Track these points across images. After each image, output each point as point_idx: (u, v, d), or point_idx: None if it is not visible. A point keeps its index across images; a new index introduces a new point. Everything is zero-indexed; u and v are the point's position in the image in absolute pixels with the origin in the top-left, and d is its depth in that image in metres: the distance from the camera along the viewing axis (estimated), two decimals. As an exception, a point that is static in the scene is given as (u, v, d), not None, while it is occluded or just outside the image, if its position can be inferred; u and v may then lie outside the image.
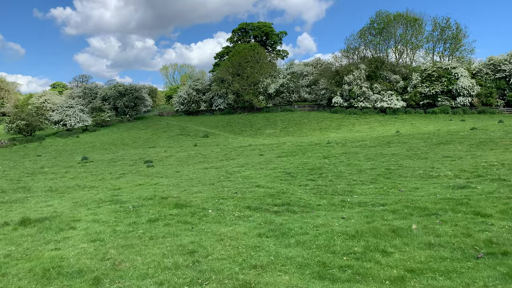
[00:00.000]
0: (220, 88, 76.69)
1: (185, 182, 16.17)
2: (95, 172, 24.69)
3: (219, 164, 23.41)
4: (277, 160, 22.36)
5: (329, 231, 7.56)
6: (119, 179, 19.78)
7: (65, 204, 13.38)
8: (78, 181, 20.24)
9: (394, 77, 66.40)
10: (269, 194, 11.58)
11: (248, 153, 29.20)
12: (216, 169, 20.40)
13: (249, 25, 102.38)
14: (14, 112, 62.40)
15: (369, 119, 60.57)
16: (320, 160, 20.36)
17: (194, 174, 19.18)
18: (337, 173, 15.31)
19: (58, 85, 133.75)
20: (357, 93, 66.09)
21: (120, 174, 22.07)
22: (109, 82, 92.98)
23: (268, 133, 55.72)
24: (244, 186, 13.50)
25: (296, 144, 33.57)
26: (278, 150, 29.57)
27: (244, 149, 33.53)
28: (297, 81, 73.95)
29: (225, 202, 10.80)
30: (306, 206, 9.95)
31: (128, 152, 38.72)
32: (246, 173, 17.22)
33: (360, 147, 26.19)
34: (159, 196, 12.72)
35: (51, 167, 29.69)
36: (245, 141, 45.45)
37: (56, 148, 51.60)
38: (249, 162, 22.71)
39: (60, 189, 17.20)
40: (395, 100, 64.11)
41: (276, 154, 26.19)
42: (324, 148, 27.50)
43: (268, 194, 11.61)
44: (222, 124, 66.17)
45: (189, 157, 29.84)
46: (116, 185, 17.24)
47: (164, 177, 19.16)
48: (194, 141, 49.12)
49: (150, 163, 27.60)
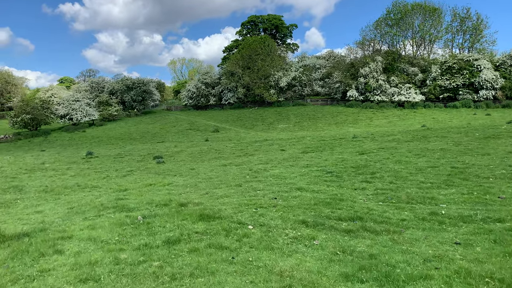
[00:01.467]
0: (230, 82, 73.67)
1: (205, 183, 13.31)
2: (100, 168, 21.96)
3: (238, 160, 20.53)
4: (304, 156, 19.41)
5: (457, 270, 4.64)
6: (126, 178, 17.00)
7: (58, 210, 10.60)
8: (80, 179, 17.50)
9: (412, 70, 62.93)
10: (322, 202, 8.67)
11: (266, 148, 26.29)
12: (237, 166, 17.52)
13: (258, 18, 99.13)
14: (19, 105, 59.88)
15: (387, 113, 57.31)
16: (358, 156, 17.39)
17: (212, 172, 16.32)
18: (392, 172, 12.34)
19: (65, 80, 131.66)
20: (373, 86, 62.75)
21: (127, 172, 19.30)
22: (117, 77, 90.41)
23: (281, 128, 52.75)
24: (281, 189, 10.61)
25: (318, 138, 30.58)
26: (300, 145, 26.62)
27: (260, 144, 30.64)
28: (309, 74, 70.64)
29: (267, 213, 7.91)
30: (386, 221, 7.02)
31: (136, 147, 36.02)
32: (275, 172, 14.32)
33: (395, 142, 23.15)
34: (175, 201, 9.88)
35: (53, 162, 27.03)
36: (258, 136, 42.56)
37: (61, 143, 49.13)
38: (272, 158, 19.80)
39: (57, 190, 14.44)
40: (413, 94, 60.70)
41: (300, 150, 23.25)
42: (353, 143, 24.49)
43: (320, 202, 8.70)
44: (233, 118, 63.28)
45: (202, 153, 27.01)
46: (122, 185, 14.44)
47: (178, 175, 16.33)
48: (204, 135, 46.34)
49: (160, 159, 24.82)
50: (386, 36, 67.82)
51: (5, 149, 46.77)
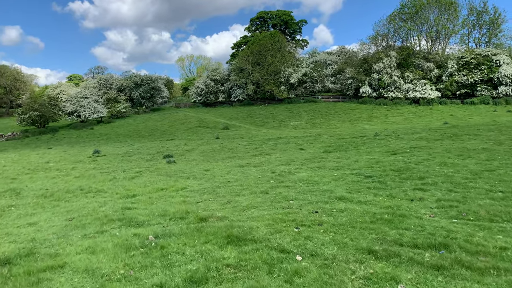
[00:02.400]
0: (239, 78, 71.78)
1: (224, 188, 11.54)
2: (106, 168, 20.32)
3: (255, 160, 18.74)
4: (329, 156, 17.55)
5: None
6: (134, 180, 15.29)
7: (54, 222, 8.91)
8: (84, 181, 15.85)
9: (427, 65, 60.50)
10: (380, 218, 6.85)
11: (283, 147, 24.46)
12: (256, 168, 15.73)
13: (267, 14, 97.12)
14: (26, 102, 58.67)
15: (402, 110, 55.07)
16: (391, 156, 15.49)
17: (229, 174, 14.55)
18: (444, 177, 10.46)
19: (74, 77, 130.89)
20: (387, 82, 60.48)
21: (135, 172, 17.62)
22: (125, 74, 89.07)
23: (293, 125, 50.84)
24: (318, 199, 8.80)
25: (336, 136, 28.67)
26: (319, 143, 24.75)
27: (275, 142, 28.82)
28: (321, 70, 68.43)
29: (314, 235, 6.11)
30: (482, 251, 5.18)
31: (145, 145, 34.41)
32: (302, 175, 12.51)
33: (424, 140, 21.19)
34: (193, 213, 8.13)
35: (58, 161, 25.50)
36: (270, 134, 40.72)
37: (69, 141, 47.79)
38: (292, 158, 17.98)
39: (57, 194, 12.77)
40: (429, 90, 58.32)
41: (321, 149, 21.38)
42: (378, 141, 22.57)
43: (377, 218, 6.88)
44: (242, 115, 61.46)
45: (214, 151, 25.28)
46: (130, 189, 12.74)
47: (192, 177, 14.58)
48: (214, 133, 44.62)
49: (171, 158, 23.14)
50: (400, 31, 65.41)
51: (12, 147, 45.55)
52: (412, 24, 64.27)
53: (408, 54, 61.80)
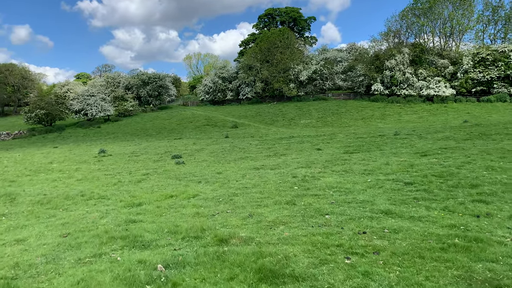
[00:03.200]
0: (248, 76, 70.24)
1: (242, 195, 10.08)
2: (111, 170, 18.98)
3: (271, 162, 17.25)
4: (352, 158, 16.00)
5: None
6: (141, 184, 13.89)
7: (45, 239, 7.52)
8: (86, 185, 14.50)
9: (441, 62, 58.44)
10: (450, 243, 5.35)
11: (298, 147, 22.94)
12: (274, 171, 14.24)
13: (276, 11, 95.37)
14: (33, 101, 57.76)
15: (415, 108, 53.18)
16: (423, 159, 13.91)
17: (245, 178, 13.08)
18: (501, 185, 8.88)
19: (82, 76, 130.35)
20: (400, 79, 58.57)
21: (142, 175, 16.24)
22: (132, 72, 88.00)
23: (303, 123, 49.27)
24: (360, 213, 7.31)
25: (353, 136, 27.07)
26: (336, 143, 23.19)
27: (288, 141, 27.31)
28: (331, 67, 66.62)
29: (373, 270, 4.63)
30: None
31: (152, 144, 33.10)
32: (329, 180, 11.01)
33: (452, 140, 19.53)
34: (210, 231, 6.69)
35: (62, 162, 24.25)
36: (281, 132, 39.19)
37: (75, 139, 46.72)
38: (311, 160, 16.47)
39: (55, 201, 11.41)
40: (443, 87, 56.29)
41: (340, 149, 19.83)
42: (400, 141, 20.95)
43: (445, 243, 5.38)
44: (251, 114, 59.99)
45: (225, 151, 23.84)
46: (135, 196, 11.34)
47: (204, 181, 13.13)
48: (223, 132, 43.24)
49: (180, 158, 21.75)
50: (412, 27, 63.33)
51: (18, 145, 44.59)
52: (425, 19, 62.18)
53: (421, 50, 59.79)
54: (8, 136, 53.10)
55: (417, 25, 62.19)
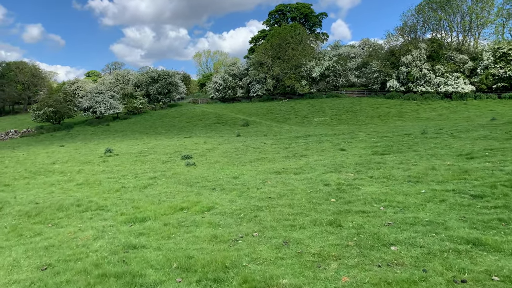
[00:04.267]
0: (259, 73, 68.20)
1: (267, 210, 8.16)
2: (116, 172, 17.24)
3: (292, 164, 15.30)
4: (386, 160, 13.97)
5: None
6: (147, 190, 12.07)
7: (17, 274, 5.68)
8: (86, 190, 12.75)
9: (460, 58, 55.70)
10: None
11: (317, 147, 20.95)
12: (299, 176, 12.30)
13: (286, 7, 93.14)
14: (41, 98, 56.54)
15: (434, 105, 50.64)
16: (470, 162, 11.84)
17: (266, 185, 11.16)
18: None
19: (92, 74, 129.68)
20: (416, 75, 56.02)
21: (149, 179, 14.43)
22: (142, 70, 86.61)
23: (317, 121, 47.16)
24: (434, 242, 5.35)
25: (376, 134, 24.97)
26: (360, 143, 21.13)
27: (305, 140, 25.31)
28: (344, 64, 64.20)
29: None
30: None
31: (161, 142, 31.38)
32: (371, 190, 9.05)
33: (494, 140, 17.36)
34: (237, 271, 4.79)
35: (65, 162, 22.62)
36: (295, 131, 37.18)
37: (83, 137, 45.29)
38: (339, 162, 14.48)
39: (45, 213, 9.63)
40: (462, 84, 53.62)
41: (367, 150, 17.79)
42: (433, 141, 18.83)
43: None
44: (262, 111, 58.00)
45: (238, 151, 21.97)
46: (139, 208, 9.51)
47: (219, 188, 11.25)
48: (234, 130, 41.38)
49: (190, 159, 19.94)
50: (429, 22, 60.60)
51: (26, 143, 43.33)
52: (443, 13, 59.41)
53: (439, 45, 57.11)
54: (16, 134, 51.97)
55: (434, 19, 59.48)
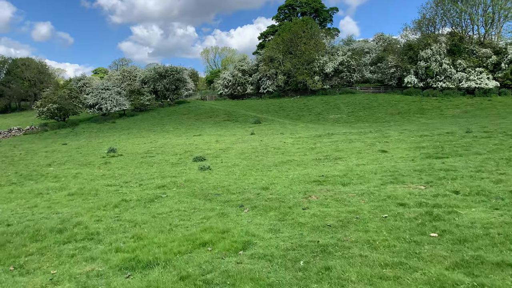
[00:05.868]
0: (269, 68, 65.06)
1: (339, 253, 5.24)
2: (118, 177, 14.44)
3: (329, 170, 12.33)
4: (453, 166, 10.97)
5: None
6: (154, 206, 9.20)
7: None
8: (76, 204, 9.95)
9: (483, 51, 52.13)
10: None
11: (348, 147, 17.95)
12: (349, 188, 9.35)
13: (296, 1, 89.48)
14: (45, 94, 54.00)
15: (456, 102, 47.24)
16: None
17: (314, 203, 8.22)
18: None
19: (100, 71, 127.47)
20: (436, 71, 52.59)
21: (156, 188, 11.60)
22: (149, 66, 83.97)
23: (333, 119, 44.04)
24: None
25: (413, 134, 21.86)
26: (398, 142, 18.09)
27: (329, 139, 22.29)
28: (359, 59, 60.86)
29: None
30: None
31: (170, 141, 28.58)
32: (477, 217, 6.13)
33: None
34: None
35: (63, 163, 19.90)
36: (312, 128, 34.14)
37: (88, 135, 42.62)
38: (391, 168, 11.49)
39: (13, 244, 6.80)
40: (485, 79, 50.11)
41: (415, 151, 14.77)
42: (484, 140, 15.73)
43: None
44: (274, 108, 54.97)
45: (257, 152, 19.04)
46: (143, 238, 6.66)
47: (248, 205, 8.34)
48: (245, 127, 38.44)
49: (203, 161, 17.10)
50: (449, 14, 56.99)
51: (28, 141, 40.83)
52: (464, 5, 55.79)
53: (460, 39, 53.58)
54: (19, 131, 49.50)
55: (454, 11, 55.89)
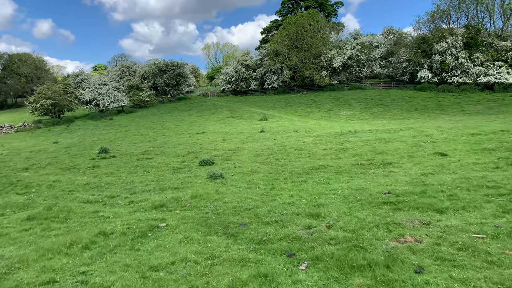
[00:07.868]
0: (274, 63, 61.46)
1: None
2: (104, 188, 11.05)
3: (391, 182, 8.94)
4: None
5: None
6: (147, 245, 5.82)
7: None
8: (27, 242, 6.58)
9: (502, 45, 48.60)
10: None
11: (389, 149, 14.53)
12: (447, 215, 5.94)
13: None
14: (39, 90, 50.38)
15: (475, 98, 43.78)
16: None
17: (420, 256, 4.81)
18: None
19: (99, 67, 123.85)
20: (452, 65, 49.06)
21: (152, 209, 8.25)
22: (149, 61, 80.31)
23: (345, 115, 40.58)
24: None
25: (454, 132, 18.44)
26: (449, 143, 14.68)
27: (357, 138, 18.85)
28: (369, 53, 57.30)
29: None
30: None
31: (170, 140, 25.15)
32: None
33: None
34: None
35: (43, 167, 16.52)
36: (327, 126, 30.67)
37: (83, 133, 39.10)
38: (481, 181, 8.09)
39: None
40: (505, 74, 46.63)
41: (484, 156, 11.41)
42: None
43: None
44: (280, 104, 51.49)
45: (275, 154, 15.64)
46: None
47: (301, 252, 4.98)
48: (252, 125, 34.95)
49: (212, 165, 13.72)
50: (466, 5, 53.36)
51: (19, 139, 37.33)
52: (480, -4, 52.18)
53: (477, 31, 50.05)
54: (11, 128, 45.99)
55: (471, 2, 52.28)
